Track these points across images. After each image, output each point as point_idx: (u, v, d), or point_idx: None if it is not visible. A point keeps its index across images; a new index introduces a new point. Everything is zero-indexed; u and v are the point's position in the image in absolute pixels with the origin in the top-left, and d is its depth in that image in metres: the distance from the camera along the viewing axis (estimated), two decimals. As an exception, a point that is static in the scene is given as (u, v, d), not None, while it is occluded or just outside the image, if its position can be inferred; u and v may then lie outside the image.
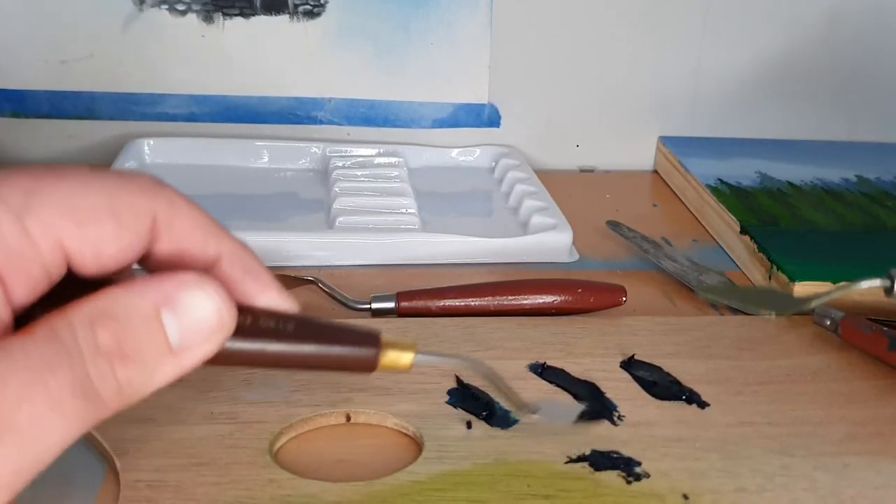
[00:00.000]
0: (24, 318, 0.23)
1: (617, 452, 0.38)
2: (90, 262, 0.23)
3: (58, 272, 0.23)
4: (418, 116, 0.75)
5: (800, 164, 0.72)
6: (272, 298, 0.27)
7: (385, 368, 0.29)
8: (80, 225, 0.23)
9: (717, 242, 0.64)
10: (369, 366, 0.29)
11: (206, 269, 0.26)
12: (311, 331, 0.27)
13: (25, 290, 0.22)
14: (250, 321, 0.26)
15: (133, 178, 0.25)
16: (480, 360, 0.36)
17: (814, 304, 0.45)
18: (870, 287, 0.43)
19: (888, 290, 0.43)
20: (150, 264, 0.26)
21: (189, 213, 0.25)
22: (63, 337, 0.22)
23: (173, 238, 0.25)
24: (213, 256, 0.26)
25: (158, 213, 0.25)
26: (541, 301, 0.50)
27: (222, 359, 0.25)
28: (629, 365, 0.45)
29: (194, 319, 0.24)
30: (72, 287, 0.24)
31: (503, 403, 0.38)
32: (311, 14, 0.71)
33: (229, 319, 0.24)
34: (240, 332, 0.25)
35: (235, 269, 0.26)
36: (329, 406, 0.40)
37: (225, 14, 0.70)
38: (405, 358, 0.29)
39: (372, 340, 0.29)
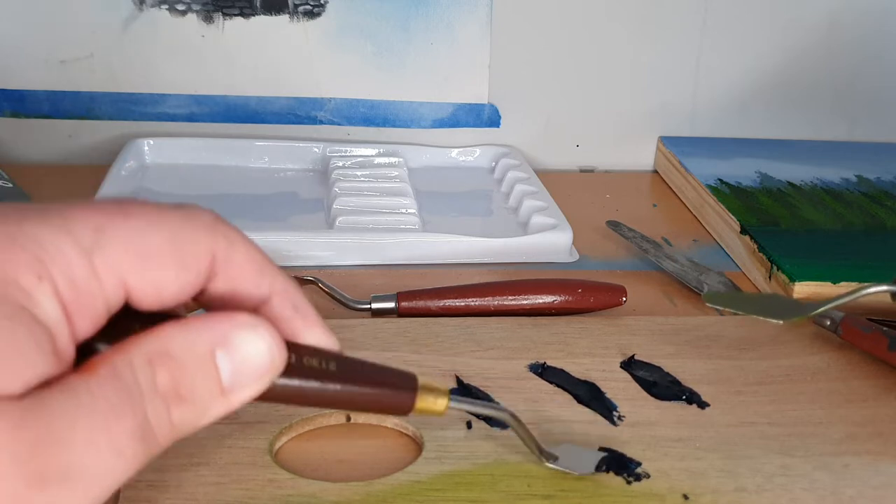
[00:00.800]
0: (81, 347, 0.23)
1: (617, 452, 0.38)
2: (149, 298, 0.24)
3: (117, 307, 0.24)
4: (418, 116, 0.75)
5: (800, 164, 0.72)
6: (317, 336, 0.27)
7: (420, 412, 0.29)
8: (144, 265, 0.23)
9: (717, 242, 0.64)
10: (405, 410, 0.29)
11: (258, 306, 0.26)
12: (353, 371, 0.27)
13: (88, 324, 0.23)
14: (295, 360, 0.26)
15: (195, 216, 0.25)
16: (505, 406, 0.38)
17: (819, 310, 0.45)
18: (876, 292, 0.43)
19: (894, 296, 0.43)
20: (203, 299, 0.26)
21: (245, 251, 0.26)
22: (124, 377, 0.22)
23: (229, 276, 0.25)
24: (265, 294, 0.26)
25: (217, 251, 0.25)
26: (541, 301, 0.50)
27: (265, 396, 0.25)
28: (629, 365, 0.45)
29: (246, 360, 0.24)
30: (125, 314, 0.24)
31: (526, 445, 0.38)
32: (311, 14, 0.71)
33: (280, 360, 0.25)
34: (286, 371, 0.25)
35: (285, 307, 0.27)
36: (329, 406, 0.40)
37: (225, 14, 0.70)
38: (440, 403, 0.30)
39: (409, 383, 0.29)
